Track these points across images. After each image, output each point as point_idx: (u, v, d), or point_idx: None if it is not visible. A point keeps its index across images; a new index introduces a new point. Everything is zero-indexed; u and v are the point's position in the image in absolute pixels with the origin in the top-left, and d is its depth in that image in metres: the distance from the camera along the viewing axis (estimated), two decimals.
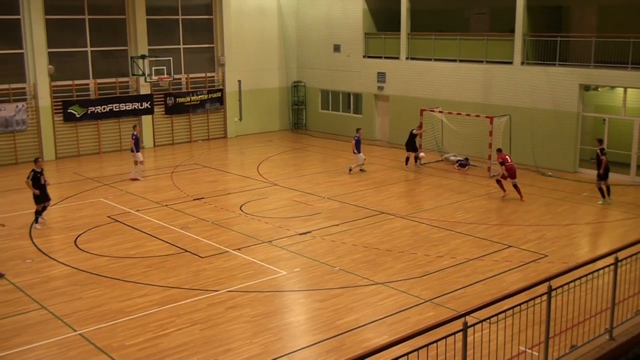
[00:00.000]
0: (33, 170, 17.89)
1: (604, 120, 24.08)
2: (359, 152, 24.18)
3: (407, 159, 25.02)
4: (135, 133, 23.37)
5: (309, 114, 34.55)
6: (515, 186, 20.91)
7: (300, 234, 17.22)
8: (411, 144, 24.93)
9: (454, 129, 26.23)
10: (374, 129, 31.64)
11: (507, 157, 20.94)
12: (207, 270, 14.78)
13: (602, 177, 20.01)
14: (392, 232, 17.50)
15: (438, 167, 25.64)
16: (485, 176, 23.82)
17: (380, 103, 31.29)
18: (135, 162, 23.18)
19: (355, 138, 24.24)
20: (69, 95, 27.85)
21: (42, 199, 17.90)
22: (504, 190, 20.98)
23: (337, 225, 18.02)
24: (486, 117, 24.37)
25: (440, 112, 26.03)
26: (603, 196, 20.14)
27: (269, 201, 20.72)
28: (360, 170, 24.51)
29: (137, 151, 23.12)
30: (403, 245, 16.41)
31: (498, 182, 21.16)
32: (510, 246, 16.30)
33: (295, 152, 29.10)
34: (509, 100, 25.82)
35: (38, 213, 17.91)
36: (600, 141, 20.24)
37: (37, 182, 17.73)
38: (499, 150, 21.67)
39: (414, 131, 25.14)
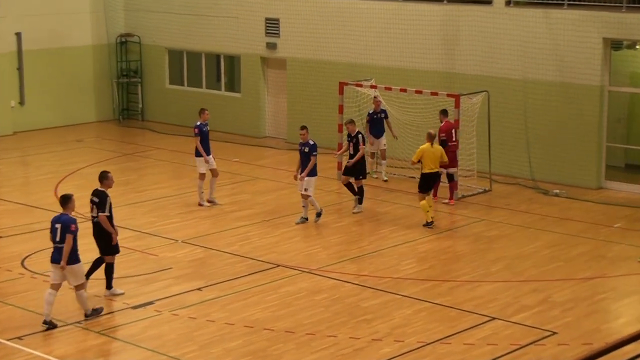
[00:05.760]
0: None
1: None
2: (208, 155, 23.72)
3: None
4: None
5: (148, 92, 34.42)
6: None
7: (135, 308, 17.06)
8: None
9: (396, 117, 26.42)
10: (261, 117, 31.73)
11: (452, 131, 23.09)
12: None
13: (355, 172, 22.45)
14: (296, 300, 17.47)
15: (372, 181, 25.63)
16: (451, 197, 24.08)
17: (271, 73, 31.37)
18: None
19: (197, 128, 23.80)
20: None
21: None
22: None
23: (199, 289, 18.01)
24: (449, 95, 24.52)
25: (373, 87, 26.12)
26: (360, 202, 22.80)
27: (82, 249, 19.99)
28: (204, 201, 23.97)
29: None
30: (314, 322, 16.33)
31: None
32: (494, 318, 16.48)
33: (125, 160, 28.87)
34: (485, 65, 26.17)
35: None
36: (352, 122, 22.31)
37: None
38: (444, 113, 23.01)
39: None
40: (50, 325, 15.80)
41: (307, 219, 22.23)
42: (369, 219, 22.64)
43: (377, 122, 25.77)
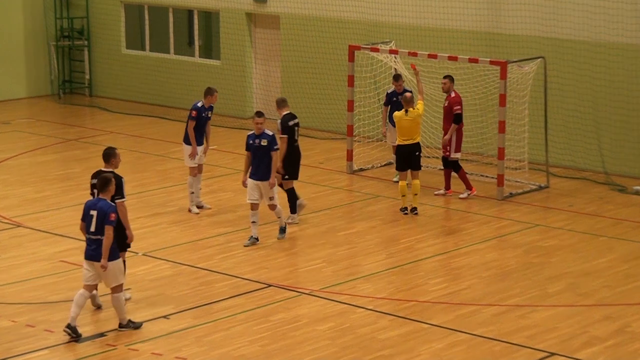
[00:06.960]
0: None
1: None
2: (201, 144, 23.88)
3: None
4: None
5: (97, 59, 34.73)
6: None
7: (81, 341, 16.84)
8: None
9: (424, 91, 25.92)
10: (247, 92, 31.85)
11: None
12: None
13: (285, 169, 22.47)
14: (292, 330, 17.33)
15: (391, 173, 25.63)
16: (495, 197, 24.23)
17: (259, 33, 31.59)
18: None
19: (195, 111, 23.85)
20: None
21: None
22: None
23: (166, 317, 17.92)
24: (493, 62, 24.51)
25: (392, 52, 25.99)
26: (293, 211, 22.86)
27: (3, 266, 20.34)
28: (194, 206, 24.30)
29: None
30: (317, 359, 16.15)
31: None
32: (553, 354, 16.19)
33: (67, 147, 29.04)
34: (541, 24, 26.03)
35: None
36: (282, 102, 22.64)
37: None
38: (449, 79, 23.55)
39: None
40: (73, 333, 16.47)
41: (257, 239, 22.05)
42: (387, 224, 22.58)
43: (399, 107, 24.70)
